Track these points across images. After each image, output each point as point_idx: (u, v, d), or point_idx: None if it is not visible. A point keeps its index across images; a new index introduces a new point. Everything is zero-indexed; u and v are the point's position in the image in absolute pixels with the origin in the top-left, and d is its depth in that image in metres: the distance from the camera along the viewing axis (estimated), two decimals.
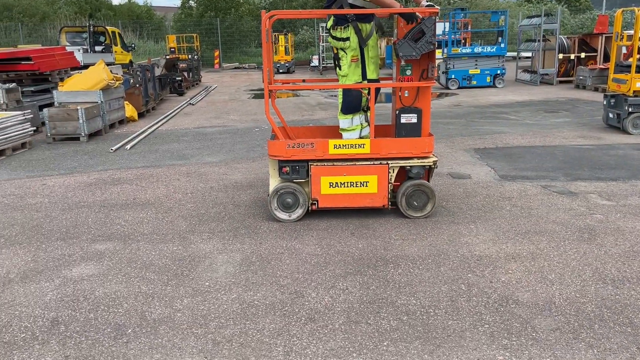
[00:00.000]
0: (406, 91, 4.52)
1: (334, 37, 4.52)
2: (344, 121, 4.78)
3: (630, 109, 8.03)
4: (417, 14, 4.21)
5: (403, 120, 4.50)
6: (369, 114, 4.65)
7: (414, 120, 4.49)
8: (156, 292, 3.40)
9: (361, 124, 4.81)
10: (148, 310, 3.16)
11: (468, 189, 5.49)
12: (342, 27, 4.43)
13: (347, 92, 4.68)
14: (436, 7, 4.20)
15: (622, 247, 3.92)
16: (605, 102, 8.68)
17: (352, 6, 4.44)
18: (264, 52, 4.37)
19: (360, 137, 4.77)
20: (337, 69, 4.64)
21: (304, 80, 6.90)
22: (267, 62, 4.36)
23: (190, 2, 33.63)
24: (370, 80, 4.61)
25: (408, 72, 4.42)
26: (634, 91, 7.96)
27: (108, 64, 13.57)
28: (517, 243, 4.05)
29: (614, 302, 3.12)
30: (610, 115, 8.51)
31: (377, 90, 4.73)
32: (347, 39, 4.45)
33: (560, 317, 2.97)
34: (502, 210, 4.82)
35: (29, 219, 4.87)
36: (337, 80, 4.75)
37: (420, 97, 4.54)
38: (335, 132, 5.02)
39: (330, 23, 4.54)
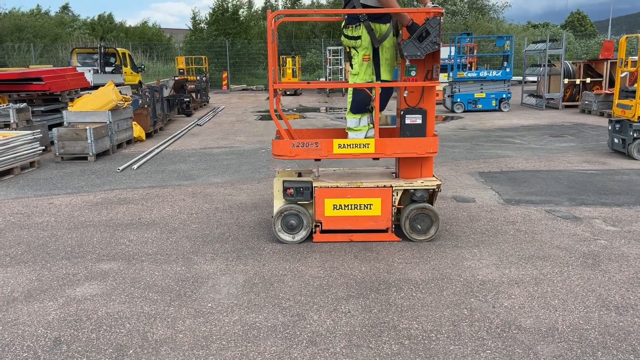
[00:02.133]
0: (406, 92, 4.52)
1: (346, 36, 4.54)
2: (351, 120, 4.78)
3: (635, 135, 8.04)
4: (410, 18, 4.28)
5: (408, 121, 4.49)
6: (374, 114, 4.65)
7: (419, 121, 4.48)
8: (159, 312, 3.40)
9: (368, 124, 4.79)
10: (150, 331, 3.17)
11: (472, 213, 5.50)
12: (354, 26, 4.45)
13: (357, 91, 4.68)
14: (440, 8, 4.26)
15: (626, 274, 3.90)
16: (610, 128, 8.71)
17: (365, 6, 4.46)
18: (269, 52, 4.41)
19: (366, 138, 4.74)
20: (350, 67, 4.67)
21: (308, 82, 6.90)
22: (272, 62, 4.40)
23: (200, 25, 34.12)
24: (383, 82, 4.59)
25: (413, 73, 4.44)
26: (639, 117, 7.98)
27: (117, 85, 13.77)
28: (520, 268, 4.04)
29: (617, 330, 3.10)
30: (616, 140, 8.52)
31: (388, 92, 4.70)
32: (359, 37, 4.46)
33: (563, 344, 2.96)
34: (506, 234, 4.82)
35: (35, 238, 4.91)
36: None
37: (425, 98, 4.54)
38: (339, 135, 5.01)
39: (343, 22, 4.59)
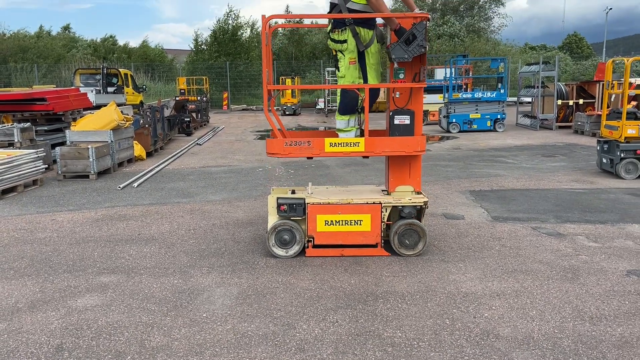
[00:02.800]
0: (398, 92, 4.70)
1: (333, 40, 4.74)
2: (340, 122, 4.99)
3: (622, 155, 8.27)
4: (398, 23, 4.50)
5: (396, 122, 4.67)
6: (362, 116, 4.83)
7: (407, 121, 4.65)
8: (156, 322, 3.58)
9: (356, 126, 4.97)
10: (147, 339, 3.34)
11: (460, 229, 5.69)
12: (340, 30, 4.65)
13: (344, 93, 4.88)
14: (427, 13, 4.49)
15: (603, 287, 4.09)
16: (599, 148, 8.94)
17: (351, 11, 4.65)
18: (264, 54, 4.59)
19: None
20: (337, 70, 4.87)
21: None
22: (266, 64, 4.57)
23: (202, 46, 34.64)
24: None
25: (401, 76, 4.62)
26: (625, 137, 8.22)
27: (119, 105, 14.05)
28: (502, 281, 4.23)
29: (589, 338, 3.28)
30: (604, 160, 8.75)
31: (374, 95, 4.87)
32: (345, 41, 4.65)
33: (537, 351, 3.13)
34: (491, 250, 5.01)
35: (38, 252, 5.10)
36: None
37: (413, 100, 4.73)
38: (331, 136, 5.11)
39: (329, 27, 4.77)
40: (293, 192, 5.09)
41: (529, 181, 8.32)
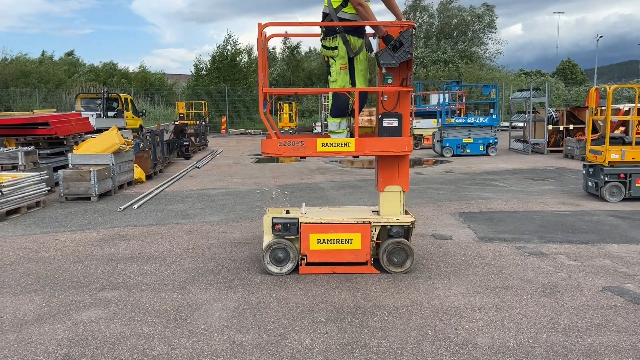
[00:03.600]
0: (386, 96, 4.95)
1: (324, 47, 5.03)
2: (332, 124, 5.24)
3: (606, 178, 8.57)
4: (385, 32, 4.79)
5: (385, 124, 4.90)
6: (350, 119, 5.11)
7: (395, 124, 4.90)
8: (156, 333, 3.81)
9: (347, 128, 5.21)
10: (149, 348, 3.57)
11: (447, 249, 5.95)
12: (331, 37, 4.94)
13: (335, 97, 5.16)
14: (412, 21, 4.78)
15: (578, 302, 4.34)
16: (584, 172, 9.25)
17: (341, 19, 4.94)
18: (259, 60, 4.84)
19: None
20: (329, 75, 5.15)
21: (295, 93, 7.06)
22: (261, 69, 4.81)
23: (203, 72, 35.24)
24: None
25: (389, 81, 4.90)
26: (609, 162, 8.54)
27: (119, 129, 14.38)
28: (484, 296, 4.47)
29: (561, 347, 3.52)
30: (590, 183, 9.06)
31: (363, 98, 5.11)
32: (336, 47, 4.94)
33: (511, 359, 3.37)
34: (475, 268, 5.26)
35: (43, 270, 5.33)
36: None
37: (401, 104, 4.98)
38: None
39: (322, 35, 5.05)
40: (287, 212, 5.36)
41: (517, 203, 8.60)
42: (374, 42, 5.18)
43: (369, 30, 5.10)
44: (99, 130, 14.50)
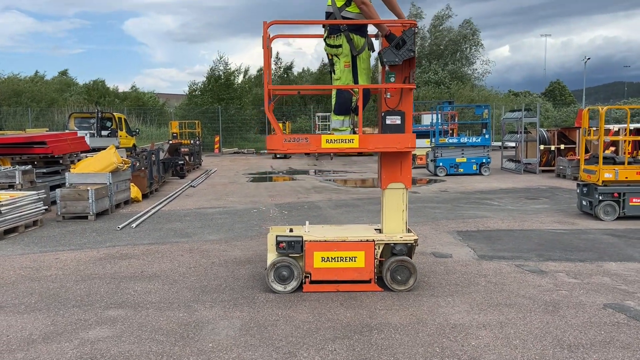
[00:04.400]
0: (389, 93, 5.00)
1: (329, 45, 5.09)
2: (336, 121, 5.29)
3: (600, 197, 8.71)
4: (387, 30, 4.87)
5: (388, 122, 4.94)
6: (353, 117, 5.16)
7: (398, 121, 4.93)
8: (165, 351, 3.82)
9: (350, 126, 5.27)
10: None
11: (448, 267, 6.00)
12: (335, 36, 5.01)
13: (339, 94, 5.21)
14: (414, 20, 4.85)
15: (581, 319, 4.40)
16: (578, 191, 9.39)
17: (345, 19, 5.02)
18: (264, 57, 4.85)
19: None
20: (332, 73, 5.22)
21: (299, 92, 6.78)
22: (267, 66, 4.85)
23: (196, 92, 35.41)
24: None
25: (392, 79, 4.97)
26: (603, 181, 8.68)
27: None
28: (488, 313, 4.52)
29: None
30: (584, 202, 9.18)
31: (366, 96, 5.17)
32: (340, 46, 5.01)
33: None
34: (477, 285, 5.31)
35: (46, 289, 5.31)
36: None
37: (403, 101, 5.04)
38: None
39: (325, 33, 5.12)
40: (291, 230, 5.39)
41: (514, 222, 8.70)
42: (376, 43, 5.30)
43: (370, 31, 5.18)
44: (93, 150, 14.52)
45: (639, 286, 5.26)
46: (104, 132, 21.11)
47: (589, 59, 46.67)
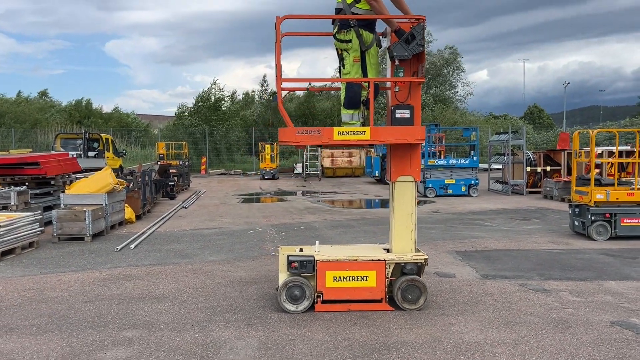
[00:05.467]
0: (397, 87, 5.10)
1: (339, 40, 5.21)
2: (346, 115, 5.36)
3: (592, 218, 8.92)
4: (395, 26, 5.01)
5: (398, 115, 5.03)
6: (364, 110, 5.27)
7: (407, 115, 5.03)
8: None
9: (360, 120, 5.34)
10: None
11: (454, 286, 6.09)
12: (345, 31, 5.13)
13: (348, 88, 5.30)
14: (423, 15, 4.97)
15: (591, 335, 4.51)
16: (571, 212, 9.61)
17: (355, 14, 5.13)
18: (276, 53, 4.87)
19: None
20: (342, 68, 5.30)
21: (309, 84, 6.50)
22: (278, 61, 4.88)
23: (185, 114, 35.44)
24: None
25: (401, 74, 5.06)
26: (595, 202, 8.91)
27: (99, 169, 14.31)
28: (501, 331, 4.61)
29: None
30: (576, 223, 9.39)
31: (376, 87, 5.22)
32: (350, 41, 5.13)
33: None
34: (485, 304, 5.41)
35: (54, 310, 5.26)
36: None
37: (412, 96, 5.15)
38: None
39: (335, 29, 5.22)
40: (301, 249, 5.44)
41: (510, 242, 8.85)
42: (384, 42, 5.45)
43: (379, 29, 5.31)
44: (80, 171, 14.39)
45: None
46: (90, 153, 20.96)
47: (568, 83, 47.97)
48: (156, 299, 5.63)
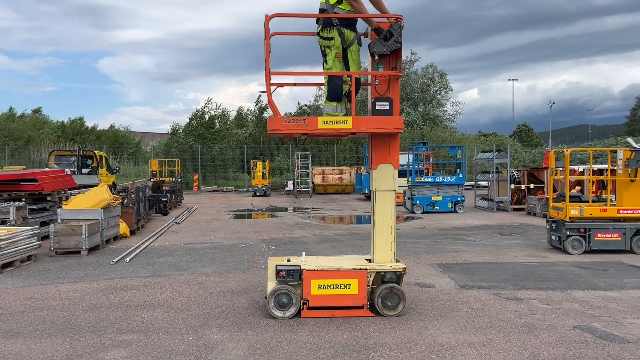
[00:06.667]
0: (377, 80, 5.50)
1: (322, 37, 5.62)
2: (329, 107, 5.72)
3: (568, 232, 9.38)
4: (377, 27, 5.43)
5: (378, 107, 5.42)
6: (346, 102, 5.65)
7: (387, 107, 5.41)
8: None
9: (343, 112, 5.68)
10: None
11: (432, 295, 6.49)
12: (328, 29, 5.54)
13: (330, 81, 5.67)
14: (400, 15, 5.39)
15: (554, 337, 4.91)
16: (548, 227, 10.06)
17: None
18: (265, 49, 5.24)
19: None
20: (325, 63, 5.69)
21: (295, 84, 6.75)
22: (267, 56, 5.23)
23: (179, 132, 35.84)
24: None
25: (380, 69, 5.47)
26: (570, 217, 9.37)
27: (93, 186, 14.65)
28: (471, 334, 5.00)
29: None
30: (553, 237, 9.85)
31: (358, 81, 5.62)
32: (332, 38, 5.54)
33: None
34: (460, 311, 5.81)
35: (57, 317, 5.60)
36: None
37: (391, 89, 5.54)
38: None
39: (319, 27, 5.62)
40: (289, 260, 5.83)
41: (489, 256, 9.28)
42: (365, 42, 5.85)
43: (360, 30, 5.73)
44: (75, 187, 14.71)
45: (604, 311, 5.82)
46: (84, 170, 21.27)
47: (554, 103, 48.79)
48: (152, 307, 5.98)
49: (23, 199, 11.97)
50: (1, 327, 5.30)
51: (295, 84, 6.69)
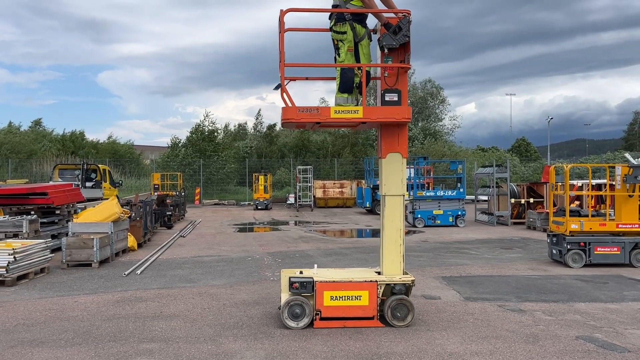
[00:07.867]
0: (387, 72, 5.72)
1: (335, 31, 5.87)
2: (340, 98, 5.96)
3: (568, 246, 9.61)
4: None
5: (387, 98, 5.64)
6: (358, 94, 5.88)
7: (395, 98, 5.64)
8: None
9: (353, 104, 5.88)
10: None
11: (439, 307, 6.71)
12: (341, 24, 5.79)
13: (343, 74, 5.92)
14: (409, 10, 5.65)
15: (558, 347, 5.13)
16: (549, 240, 10.30)
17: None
18: (280, 43, 5.44)
19: None
20: (337, 56, 5.93)
21: (307, 78, 6.86)
22: (282, 49, 5.42)
23: (179, 146, 36.10)
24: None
25: (390, 62, 5.69)
26: (570, 231, 9.61)
27: (97, 199, 14.82)
28: (479, 344, 5.22)
29: None
30: (554, 251, 10.08)
31: (368, 73, 5.88)
32: (344, 32, 5.80)
33: None
34: (466, 322, 6.02)
35: (78, 327, 5.80)
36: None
37: (399, 81, 5.77)
38: None
39: (332, 22, 5.87)
40: (301, 272, 6.05)
41: (492, 269, 9.50)
42: (374, 37, 6.11)
43: (370, 25, 5.99)
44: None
45: (605, 322, 6.04)
46: (88, 184, 21.48)
47: (552, 118, 49.33)
48: (168, 318, 6.19)
49: (33, 212, 12.22)
50: (25, 336, 5.50)
51: (307, 78, 6.87)
